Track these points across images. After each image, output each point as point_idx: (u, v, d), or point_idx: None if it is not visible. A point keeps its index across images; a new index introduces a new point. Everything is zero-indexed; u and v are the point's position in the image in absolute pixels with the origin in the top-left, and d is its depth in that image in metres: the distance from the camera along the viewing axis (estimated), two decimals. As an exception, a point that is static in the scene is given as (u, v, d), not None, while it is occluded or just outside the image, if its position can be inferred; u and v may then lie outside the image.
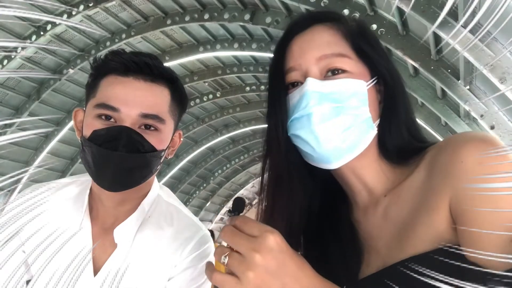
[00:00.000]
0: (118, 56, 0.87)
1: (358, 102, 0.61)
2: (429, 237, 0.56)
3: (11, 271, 0.80)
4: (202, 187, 13.76)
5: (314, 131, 0.61)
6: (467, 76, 4.55)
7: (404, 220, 0.61)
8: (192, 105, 9.77)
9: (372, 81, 0.64)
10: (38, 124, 6.25)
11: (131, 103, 0.84)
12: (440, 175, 0.57)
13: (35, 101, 8.11)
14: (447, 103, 5.54)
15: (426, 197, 0.58)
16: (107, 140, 0.81)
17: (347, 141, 0.61)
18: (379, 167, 0.67)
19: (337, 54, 0.62)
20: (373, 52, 0.65)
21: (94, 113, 0.84)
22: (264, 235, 0.52)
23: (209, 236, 0.97)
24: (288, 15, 5.96)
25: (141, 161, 0.84)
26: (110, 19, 7.08)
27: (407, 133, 0.66)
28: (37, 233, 0.84)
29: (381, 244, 0.64)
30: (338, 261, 0.67)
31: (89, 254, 0.88)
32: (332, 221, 0.72)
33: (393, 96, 0.65)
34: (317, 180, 0.72)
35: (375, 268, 0.63)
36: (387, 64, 0.66)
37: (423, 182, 0.60)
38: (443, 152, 0.59)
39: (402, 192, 0.63)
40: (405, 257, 0.57)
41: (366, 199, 0.69)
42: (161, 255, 0.90)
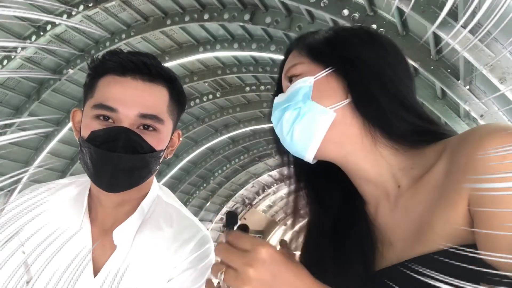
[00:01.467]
0: (115, 56, 0.86)
1: (302, 95, 0.67)
2: (446, 234, 0.55)
3: (11, 271, 0.80)
4: (202, 187, 13.74)
5: (280, 134, 0.70)
6: (467, 76, 4.55)
7: (422, 215, 0.60)
8: (192, 105, 9.77)
9: (323, 72, 0.67)
10: (38, 124, 6.25)
11: (129, 104, 0.83)
12: (460, 170, 0.55)
13: (35, 101, 8.10)
14: (447, 103, 5.54)
15: (445, 192, 0.57)
16: (105, 141, 0.81)
17: (302, 131, 0.67)
18: (379, 155, 0.66)
19: (292, 65, 0.71)
20: (327, 47, 0.69)
21: (92, 113, 0.84)
22: (255, 249, 0.55)
23: (209, 237, 0.97)
24: (288, 15, 5.96)
25: (140, 161, 0.84)
26: (110, 19, 7.08)
27: (405, 114, 0.65)
28: (37, 233, 0.83)
29: (396, 237, 0.64)
30: (356, 254, 0.67)
31: (89, 254, 0.88)
32: (349, 216, 0.73)
33: (356, 79, 0.66)
34: (333, 180, 0.75)
35: (389, 261, 0.63)
36: (347, 53, 0.68)
37: (443, 176, 0.59)
38: (465, 144, 0.57)
39: (422, 185, 0.62)
40: (420, 254, 0.56)
41: (374, 191, 0.69)
42: (161, 256, 0.90)
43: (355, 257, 0.66)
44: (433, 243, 0.56)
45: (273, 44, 7.16)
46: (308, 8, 5.30)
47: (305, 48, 0.71)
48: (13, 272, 0.80)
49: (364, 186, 0.70)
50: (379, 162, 0.66)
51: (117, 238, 0.89)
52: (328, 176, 0.75)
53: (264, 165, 14.94)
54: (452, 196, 0.56)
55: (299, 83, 0.68)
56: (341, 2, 5.03)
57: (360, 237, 0.68)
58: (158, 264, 0.89)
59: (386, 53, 0.69)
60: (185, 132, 10.63)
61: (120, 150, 0.80)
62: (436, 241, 0.56)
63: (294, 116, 0.67)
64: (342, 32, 0.72)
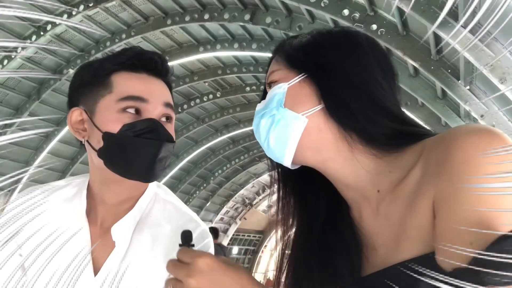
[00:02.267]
0: (130, 52, 0.91)
1: (276, 102, 0.68)
2: (422, 239, 0.55)
3: (8, 275, 0.80)
4: (202, 187, 13.74)
5: (259, 140, 0.71)
6: (467, 76, 4.55)
7: (400, 220, 0.59)
8: (192, 105, 9.77)
9: (296, 78, 0.68)
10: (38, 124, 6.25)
11: (156, 94, 0.89)
12: (430, 173, 0.55)
13: (35, 101, 8.10)
14: (447, 103, 5.53)
15: (418, 196, 0.56)
16: (146, 131, 0.84)
17: (277, 138, 0.68)
18: (355, 161, 0.65)
19: (271, 72, 0.72)
20: (301, 54, 0.69)
21: (118, 106, 0.85)
22: (194, 261, 0.61)
23: (208, 231, 0.98)
24: (288, 15, 5.96)
25: (171, 150, 0.89)
26: (110, 19, 7.08)
27: (378, 118, 0.63)
28: (35, 234, 0.83)
29: (379, 242, 0.64)
30: (342, 259, 0.67)
31: (89, 254, 0.88)
32: (334, 220, 0.73)
33: (327, 84, 0.66)
34: (318, 185, 0.75)
35: (375, 266, 0.63)
36: (319, 58, 0.67)
37: (417, 181, 0.58)
38: (438, 146, 0.56)
39: (400, 190, 0.61)
40: (399, 261, 0.56)
41: (355, 196, 0.69)
42: (161, 252, 0.90)
43: (341, 262, 0.67)
44: (411, 251, 0.56)
45: (274, 44, 7.09)
46: (308, 8, 5.30)
47: (282, 55, 0.72)
48: (10, 276, 0.80)
49: (345, 191, 0.70)
50: (356, 168, 0.65)
51: (115, 235, 0.89)
52: (313, 180, 0.75)
53: (264, 165, 14.80)
54: (421, 200, 0.55)
55: (275, 90, 0.69)
56: (341, 2, 5.03)
57: (346, 241, 0.68)
58: (158, 260, 0.89)
59: (363, 54, 0.67)
60: (185, 132, 10.64)
61: (163, 137, 0.85)
62: (414, 249, 0.55)
63: (269, 123, 0.68)
64: (318, 37, 0.71)
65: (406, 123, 0.65)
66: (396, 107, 0.67)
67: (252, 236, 19.72)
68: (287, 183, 0.77)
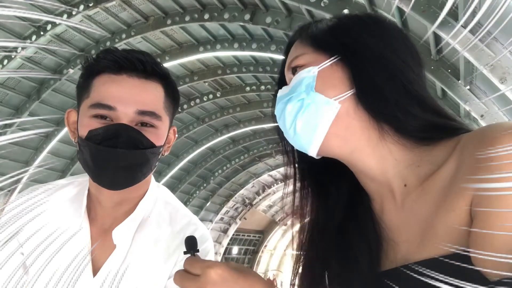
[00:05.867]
0: (110, 54, 0.86)
1: (305, 86, 0.64)
2: (451, 238, 0.52)
3: (10, 273, 0.80)
4: (202, 187, 13.75)
5: (283, 127, 0.67)
6: (467, 76, 4.55)
7: (427, 217, 0.57)
8: (192, 105, 9.77)
9: (328, 61, 0.64)
10: (38, 124, 6.25)
11: (127, 101, 0.83)
12: (467, 171, 0.52)
13: (35, 101, 8.11)
14: (448, 103, 5.54)
15: (450, 194, 0.54)
16: (106, 138, 0.80)
17: (305, 124, 0.64)
18: (387, 150, 0.63)
19: (295, 57, 0.68)
20: (330, 36, 0.66)
21: (89, 113, 0.83)
22: (205, 272, 0.58)
23: (208, 234, 0.97)
24: (288, 15, 5.97)
25: (141, 157, 0.84)
26: (110, 19, 7.09)
27: (413, 107, 0.60)
28: (36, 234, 0.83)
29: (402, 237, 0.61)
30: (362, 252, 0.65)
31: (88, 255, 0.88)
32: (354, 213, 0.71)
33: (360, 67, 0.63)
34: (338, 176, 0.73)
35: (392, 261, 0.61)
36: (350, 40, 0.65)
37: (451, 176, 0.55)
38: (475, 142, 0.53)
39: (429, 185, 0.58)
40: (425, 258, 0.55)
41: (379, 189, 0.66)
42: (161, 255, 0.90)
43: (361, 255, 0.64)
44: (436, 249, 0.53)
45: (274, 44, 7.16)
46: (308, 8, 5.31)
47: (308, 38, 0.68)
48: (12, 273, 0.80)
49: (369, 183, 0.67)
50: (385, 158, 0.63)
51: (117, 238, 0.89)
52: (333, 172, 0.73)
53: (264, 165, 14.95)
54: (455, 199, 0.53)
55: (303, 74, 0.65)
56: (341, 2, 5.04)
57: (366, 234, 0.65)
58: (158, 263, 0.89)
59: (393, 39, 0.65)
60: (185, 132, 10.64)
61: (122, 146, 0.80)
62: (439, 247, 0.53)
63: (297, 108, 0.64)
64: (345, 19, 0.68)
65: (440, 115, 0.62)
66: (429, 97, 0.64)
67: (252, 236, 19.73)
68: (305, 176, 0.75)
